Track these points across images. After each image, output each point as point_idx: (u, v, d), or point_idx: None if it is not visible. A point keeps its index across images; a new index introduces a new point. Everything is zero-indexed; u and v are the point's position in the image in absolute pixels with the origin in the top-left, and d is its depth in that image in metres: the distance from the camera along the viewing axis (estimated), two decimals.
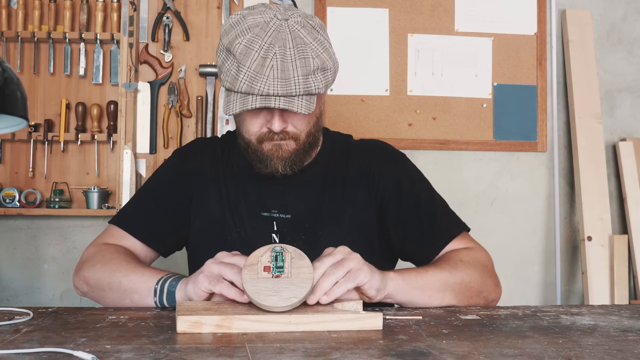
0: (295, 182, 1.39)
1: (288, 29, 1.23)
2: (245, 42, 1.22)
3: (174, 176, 1.45)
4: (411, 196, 1.41)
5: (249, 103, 1.22)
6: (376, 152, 1.47)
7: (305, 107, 1.23)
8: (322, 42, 1.26)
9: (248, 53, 1.21)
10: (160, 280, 1.21)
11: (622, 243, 2.81)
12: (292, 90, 1.21)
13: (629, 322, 1.12)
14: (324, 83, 1.26)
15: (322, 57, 1.25)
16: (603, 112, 2.99)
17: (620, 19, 3.04)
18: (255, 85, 1.20)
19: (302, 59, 1.22)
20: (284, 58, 1.21)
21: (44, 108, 2.77)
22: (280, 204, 1.39)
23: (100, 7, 2.73)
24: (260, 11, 1.26)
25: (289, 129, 1.29)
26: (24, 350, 0.86)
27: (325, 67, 1.26)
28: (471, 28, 2.93)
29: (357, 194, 1.41)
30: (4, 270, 2.77)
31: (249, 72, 1.21)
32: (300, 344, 0.91)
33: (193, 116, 2.79)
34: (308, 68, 1.22)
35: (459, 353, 0.88)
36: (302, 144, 1.32)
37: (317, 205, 1.39)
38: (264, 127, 1.29)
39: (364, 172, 1.43)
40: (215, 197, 1.41)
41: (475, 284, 1.28)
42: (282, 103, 1.21)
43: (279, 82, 1.20)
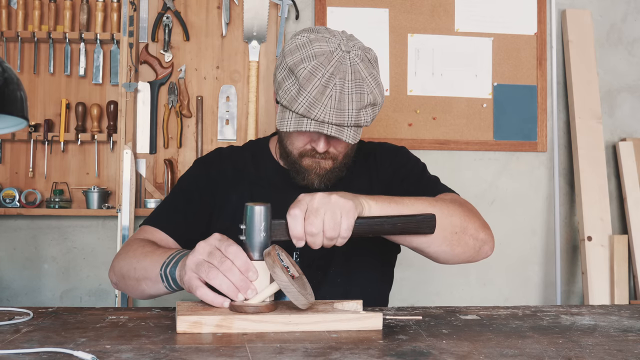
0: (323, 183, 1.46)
1: (349, 62, 1.33)
2: (310, 69, 1.32)
3: (197, 182, 1.52)
4: (405, 168, 1.53)
5: (303, 125, 1.32)
6: (378, 147, 1.60)
7: (353, 138, 1.35)
8: (375, 78, 1.37)
9: (311, 79, 1.31)
10: (163, 266, 1.21)
11: (622, 243, 2.81)
12: (345, 121, 1.32)
13: (629, 322, 1.12)
14: (372, 117, 1.38)
15: (375, 93, 1.36)
16: (603, 112, 2.99)
17: (620, 19, 3.04)
18: (313, 111, 1.31)
19: (358, 93, 1.32)
20: (342, 90, 1.31)
21: (44, 108, 2.77)
22: None
23: (100, 7, 2.73)
24: (326, 38, 1.35)
25: (330, 150, 1.42)
26: (24, 350, 0.86)
27: (376, 103, 1.37)
28: (471, 28, 2.93)
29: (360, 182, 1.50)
30: (4, 270, 2.77)
31: (308, 97, 1.31)
32: (300, 344, 0.91)
33: (193, 116, 2.79)
34: (362, 103, 1.33)
35: (459, 353, 0.88)
36: (339, 164, 1.44)
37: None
38: (308, 144, 1.41)
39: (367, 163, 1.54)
40: (238, 201, 1.46)
41: (458, 219, 1.27)
42: (333, 131, 1.32)
43: (335, 111, 1.31)
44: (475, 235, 1.29)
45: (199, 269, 1.07)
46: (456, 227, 1.26)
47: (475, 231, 1.30)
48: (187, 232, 1.44)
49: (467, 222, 1.29)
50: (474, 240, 1.29)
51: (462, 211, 1.29)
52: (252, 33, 2.79)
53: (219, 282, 1.06)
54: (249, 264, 1.07)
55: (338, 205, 1.11)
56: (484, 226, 1.33)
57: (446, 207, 1.27)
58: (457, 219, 1.27)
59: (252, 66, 2.76)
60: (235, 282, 1.05)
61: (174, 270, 1.18)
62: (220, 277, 1.05)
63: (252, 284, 1.06)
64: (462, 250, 1.29)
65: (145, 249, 1.33)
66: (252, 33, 2.79)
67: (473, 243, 1.29)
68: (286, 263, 1.06)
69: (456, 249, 1.28)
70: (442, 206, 1.26)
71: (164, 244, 1.41)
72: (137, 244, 1.37)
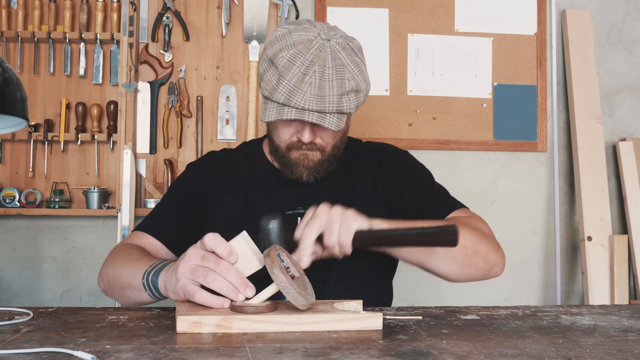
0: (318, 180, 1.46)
1: (329, 49, 1.32)
2: (289, 57, 1.31)
3: (188, 187, 1.52)
4: (413, 179, 1.49)
5: (284, 114, 1.31)
6: (382, 149, 1.57)
7: (336, 125, 1.32)
8: (358, 65, 1.35)
9: (290, 67, 1.30)
10: (145, 273, 1.20)
11: (622, 243, 2.81)
12: (326, 107, 1.30)
13: (629, 322, 1.12)
14: (355, 104, 1.35)
15: (357, 80, 1.34)
16: (603, 112, 2.99)
17: (620, 19, 3.04)
18: (293, 98, 1.30)
19: (338, 79, 1.31)
20: (322, 76, 1.30)
21: (44, 108, 2.77)
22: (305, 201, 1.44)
23: (100, 7, 2.73)
24: (306, 28, 1.35)
25: (317, 141, 1.39)
26: (24, 350, 0.86)
27: (359, 89, 1.35)
28: (471, 28, 2.93)
29: (364, 188, 1.49)
30: (4, 270, 2.77)
31: (288, 85, 1.30)
32: (300, 344, 0.91)
33: (193, 116, 2.79)
34: (343, 89, 1.31)
35: (459, 353, 0.88)
36: (327, 156, 1.42)
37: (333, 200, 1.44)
38: (294, 136, 1.39)
39: (371, 166, 1.52)
40: (232, 204, 1.46)
41: (469, 242, 1.26)
42: (315, 118, 1.30)
43: (315, 98, 1.29)
44: (487, 257, 1.30)
45: (195, 275, 1.06)
46: (468, 249, 1.26)
47: (487, 253, 1.30)
48: (178, 237, 1.43)
49: (479, 245, 1.29)
50: (484, 262, 1.30)
51: (474, 233, 1.29)
52: (252, 33, 2.79)
53: (219, 284, 1.05)
54: None
55: (337, 214, 1.12)
56: (496, 248, 1.33)
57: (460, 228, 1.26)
58: (469, 241, 1.27)
59: (252, 66, 2.76)
60: (234, 281, 1.05)
61: (155, 278, 1.17)
62: (219, 279, 1.05)
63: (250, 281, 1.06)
64: (473, 271, 1.30)
65: (132, 255, 1.32)
66: (252, 33, 2.79)
67: (483, 265, 1.30)
68: (286, 263, 1.06)
69: (466, 270, 1.29)
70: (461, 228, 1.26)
71: (153, 249, 1.40)
72: (124, 249, 1.37)
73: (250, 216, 1.43)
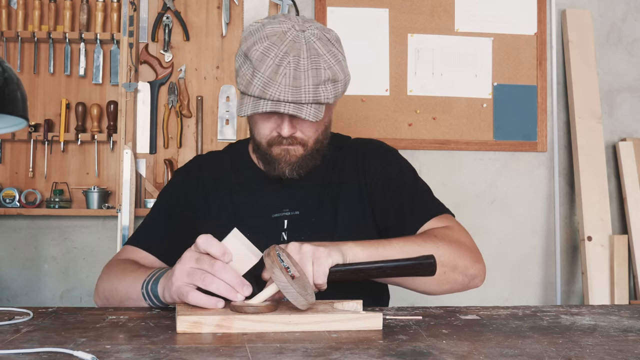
0: (304, 181, 1.44)
1: (304, 40, 1.30)
2: (262, 49, 1.28)
3: (176, 195, 1.51)
4: (396, 180, 1.46)
5: (260, 107, 1.28)
6: (368, 147, 1.53)
7: (314, 115, 1.29)
8: (335, 55, 1.32)
9: (264, 59, 1.27)
10: (144, 283, 1.21)
11: (622, 243, 2.81)
12: (302, 98, 1.27)
13: (629, 322, 1.12)
14: (334, 94, 1.32)
15: (334, 69, 1.31)
16: (603, 112, 2.99)
17: (620, 19, 3.04)
18: (268, 91, 1.27)
19: (314, 69, 1.28)
20: (297, 67, 1.27)
21: (44, 108, 2.77)
22: (290, 202, 1.44)
23: (100, 7, 2.73)
24: (280, 21, 1.33)
25: (297, 134, 1.36)
26: (24, 350, 0.86)
27: (336, 79, 1.32)
28: (471, 28, 2.93)
29: (350, 187, 1.46)
30: (4, 270, 2.77)
31: (262, 78, 1.27)
32: (300, 344, 0.91)
33: (193, 116, 2.79)
34: (319, 78, 1.28)
35: (459, 353, 0.88)
36: (310, 150, 1.39)
37: (319, 200, 1.45)
38: (274, 131, 1.36)
39: (356, 167, 1.48)
40: (218, 209, 1.45)
41: (447, 258, 1.25)
42: (291, 109, 1.27)
43: (290, 89, 1.27)
44: (465, 271, 1.28)
45: (192, 278, 1.06)
46: (445, 266, 1.24)
47: (465, 268, 1.28)
48: (170, 248, 1.41)
49: (458, 260, 1.27)
50: (463, 276, 1.28)
51: (452, 249, 1.26)
52: None
53: (216, 285, 1.05)
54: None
55: (308, 254, 1.09)
56: (476, 260, 1.31)
57: (436, 248, 1.24)
58: (447, 257, 1.25)
59: None
60: (230, 281, 1.05)
61: (155, 286, 1.17)
62: (216, 281, 1.05)
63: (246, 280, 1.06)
64: (450, 286, 1.28)
65: (127, 268, 1.31)
66: None
67: (462, 279, 1.28)
68: (287, 263, 1.06)
69: (444, 287, 1.27)
70: (432, 247, 1.24)
71: (146, 262, 1.39)
72: (118, 264, 1.36)
73: (237, 221, 1.41)
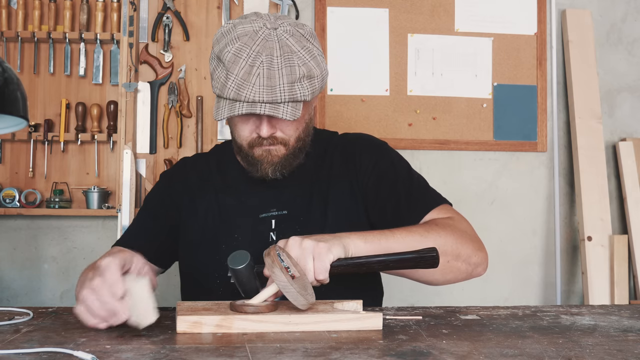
0: (291, 180, 1.42)
1: (276, 38, 1.27)
2: (234, 51, 1.26)
3: (161, 197, 1.51)
4: (389, 174, 1.44)
5: (236, 109, 1.26)
6: (358, 142, 1.51)
7: (291, 114, 1.27)
8: (310, 50, 1.30)
9: (236, 61, 1.26)
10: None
11: (622, 243, 2.81)
12: (278, 97, 1.25)
13: (629, 322, 1.12)
14: (310, 90, 1.29)
15: (309, 65, 1.28)
16: (603, 112, 2.99)
17: (620, 19, 3.04)
18: (242, 92, 1.25)
19: (288, 67, 1.26)
20: (271, 66, 1.25)
21: (44, 108, 2.77)
22: (277, 202, 1.43)
23: (100, 7, 2.73)
24: (251, 20, 1.31)
25: (277, 134, 1.34)
26: (24, 350, 0.86)
27: (312, 75, 1.29)
28: (471, 28, 2.93)
29: (340, 184, 1.44)
30: (4, 270, 2.77)
31: (236, 80, 1.25)
32: (300, 344, 0.91)
33: (193, 116, 2.79)
34: (294, 76, 1.26)
35: (459, 353, 0.88)
36: (292, 149, 1.37)
37: (308, 199, 1.43)
38: (253, 132, 1.35)
39: (346, 164, 1.46)
40: (205, 210, 1.44)
41: (450, 247, 1.25)
42: (267, 110, 1.25)
43: (265, 89, 1.24)
44: (468, 260, 1.28)
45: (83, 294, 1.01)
46: (448, 255, 1.25)
47: (468, 256, 1.28)
48: (157, 249, 1.43)
49: (460, 249, 1.27)
50: (466, 265, 1.28)
51: (454, 237, 1.27)
52: None
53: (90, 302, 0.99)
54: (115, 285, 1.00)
55: (309, 250, 1.10)
56: (478, 248, 1.31)
57: (438, 237, 1.24)
58: (450, 246, 1.25)
59: None
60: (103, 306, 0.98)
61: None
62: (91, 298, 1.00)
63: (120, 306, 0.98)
64: (454, 275, 1.28)
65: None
66: None
67: (465, 267, 1.28)
68: (287, 263, 1.06)
69: (448, 276, 1.27)
70: (435, 237, 1.24)
71: None
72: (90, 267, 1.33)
73: (224, 222, 1.42)
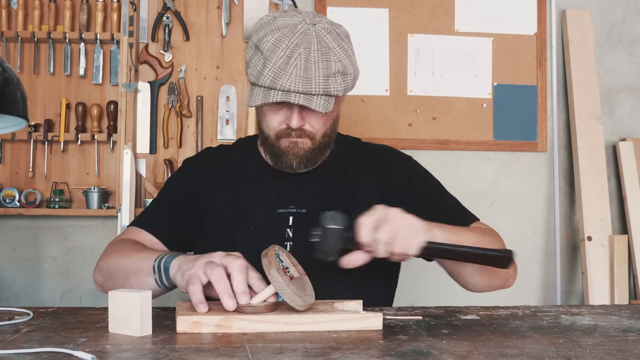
0: (311, 178, 1.44)
1: (314, 33, 1.32)
2: (273, 41, 1.30)
3: (183, 183, 1.52)
4: (424, 190, 1.48)
5: (270, 97, 1.29)
6: (387, 154, 1.55)
7: (323, 107, 1.30)
8: (345, 49, 1.34)
9: (275, 51, 1.29)
10: (158, 258, 1.22)
11: (622, 243, 2.81)
12: (312, 89, 1.28)
13: (629, 322, 1.12)
14: (343, 86, 1.33)
15: (344, 62, 1.33)
16: (603, 112, 2.99)
17: (620, 19, 3.04)
18: (278, 81, 1.28)
19: (324, 61, 1.30)
20: (308, 59, 1.29)
21: (44, 108, 2.77)
22: (297, 199, 1.44)
23: (100, 7, 2.73)
24: (291, 15, 1.35)
25: (306, 127, 1.36)
26: (24, 350, 0.86)
27: (346, 72, 1.33)
28: (471, 28, 2.93)
29: (369, 193, 1.45)
30: (4, 270, 2.77)
31: (273, 68, 1.28)
32: (300, 344, 0.91)
33: (193, 116, 2.79)
34: (329, 70, 1.30)
35: (459, 353, 0.88)
36: (318, 144, 1.39)
37: (331, 200, 1.44)
38: (283, 123, 1.37)
39: (376, 172, 1.49)
40: (224, 201, 1.45)
41: None
42: (301, 100, 1.28)
43: (301, 80, 1.28)
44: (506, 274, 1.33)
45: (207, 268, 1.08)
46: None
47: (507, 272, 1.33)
48: (173, 234, 1.44)
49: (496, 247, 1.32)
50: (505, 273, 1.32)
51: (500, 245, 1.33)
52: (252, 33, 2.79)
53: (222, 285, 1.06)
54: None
55: (413, 224, 1.12)
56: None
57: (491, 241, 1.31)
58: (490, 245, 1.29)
59: None
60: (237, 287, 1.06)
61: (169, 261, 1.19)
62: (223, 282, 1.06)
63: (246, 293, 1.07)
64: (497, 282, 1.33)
65: (135, 246, 1.34)
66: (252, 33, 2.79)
67: (505, 274, 1.32)
68: (286, 263, 1.06)
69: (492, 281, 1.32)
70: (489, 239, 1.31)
71: (150, 245, 1.40)
72: (124, 243, 1.38)
73: (241, 214, 1.43)
